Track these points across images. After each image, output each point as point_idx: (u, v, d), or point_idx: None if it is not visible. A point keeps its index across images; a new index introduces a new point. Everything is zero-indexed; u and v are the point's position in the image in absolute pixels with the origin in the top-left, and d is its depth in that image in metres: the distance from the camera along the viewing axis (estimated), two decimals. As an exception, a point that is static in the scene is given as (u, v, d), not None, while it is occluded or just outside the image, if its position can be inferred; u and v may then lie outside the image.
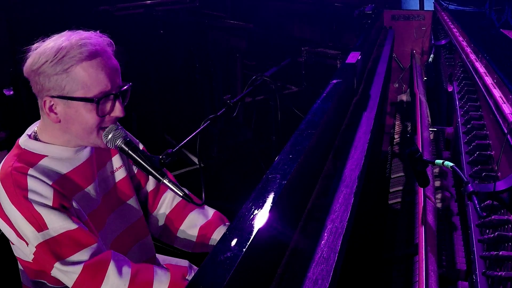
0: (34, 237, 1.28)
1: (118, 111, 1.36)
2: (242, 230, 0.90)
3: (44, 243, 1.28)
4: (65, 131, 1.37)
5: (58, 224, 1.29)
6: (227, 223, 1.66)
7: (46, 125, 1.39)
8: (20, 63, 1.34)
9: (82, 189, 1.41)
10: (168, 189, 1.63)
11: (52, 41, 1.32)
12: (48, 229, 1.28)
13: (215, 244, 1.58)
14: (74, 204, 1.37)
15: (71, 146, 1.40)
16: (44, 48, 1.30)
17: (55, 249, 1.29)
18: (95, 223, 1.43)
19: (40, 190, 1.30)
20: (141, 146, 1.56)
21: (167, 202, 1.67)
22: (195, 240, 1.64)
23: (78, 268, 1.29)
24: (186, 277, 1.42)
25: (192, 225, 1.65)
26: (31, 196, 1.28)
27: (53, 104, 1.33)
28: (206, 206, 1.69)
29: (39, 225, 1.28)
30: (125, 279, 1.32)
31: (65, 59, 1.28)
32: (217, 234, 1.61)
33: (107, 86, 1.32)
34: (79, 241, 1.30)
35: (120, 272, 1.32)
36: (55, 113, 1.34)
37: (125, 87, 1.38)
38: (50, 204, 1.29)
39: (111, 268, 1.31)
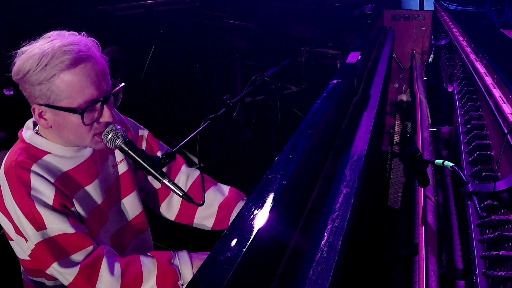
0: (33, 235, 1.29)
1: (106, 116, 1.33)
2: (242, 230, 0.90)
3: (43, 242, 1.29)
4: (58, 136, 1.37)
5: (56, 226, 1.29)
6: (244, 198, 1.68)
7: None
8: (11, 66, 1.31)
9: (85, 187, 1.42)
10: (180, 172, 1.67)
11: (37, 46, 1.28)
12: (46, 229, 1.29)
13: None
14: (75, 203, 1.37)
15: (71, 146, 1.40)
16: (28, 56, 1.26)
17: (53, 249, 1.29)
18: (98, 218, 1.44)
19: (42, 188, 1.30)
20: None
21: (181, 184, 1.66)
22: (214, 219, 1.65)
23: (75, 270, 1.30)
24: (172, 261, 1.42)
25: (210, 204, 1.65)
26: (34, 193, 1.29)
27: (42, 111, 1.31)
28: (219, 183, 1.70)
29: (38, 224, 1.28)
30: (117, 276, 1.33)
31: (47, 68, 1.24)
32: (237, 211, 1.60)
33: (93, 94, 1.29)
34: (75, 244, 1.31)
35: (111, 270, 1.33)
36: (45, 119, 1.33)
37: (114, 90, 1.35)
38: (51, 203, 1.30)
39: (104, 266, 1.32)
